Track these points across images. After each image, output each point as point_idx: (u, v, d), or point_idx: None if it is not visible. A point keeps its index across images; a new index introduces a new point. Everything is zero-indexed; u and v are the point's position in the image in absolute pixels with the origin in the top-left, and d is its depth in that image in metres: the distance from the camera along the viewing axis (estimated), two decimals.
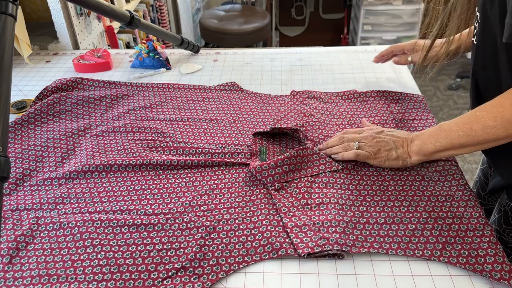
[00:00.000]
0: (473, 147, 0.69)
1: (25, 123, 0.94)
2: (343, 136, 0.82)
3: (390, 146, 0.78)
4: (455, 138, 0.69)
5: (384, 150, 0.78)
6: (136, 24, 1.06)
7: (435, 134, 0.72)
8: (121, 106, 1.01)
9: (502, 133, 0.63)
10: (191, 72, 1.18)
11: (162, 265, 0.64)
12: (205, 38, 2.71)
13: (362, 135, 0.81)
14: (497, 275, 0.60)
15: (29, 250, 0.67)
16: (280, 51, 1.28)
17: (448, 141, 0.70)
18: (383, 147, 0.78)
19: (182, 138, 0.89)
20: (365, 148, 0.79)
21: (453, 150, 0.71)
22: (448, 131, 0.70)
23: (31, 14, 1.54)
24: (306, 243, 0.65)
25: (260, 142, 0.87)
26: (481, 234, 0.65)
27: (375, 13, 2.86)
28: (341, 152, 0.80)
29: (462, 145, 0.69)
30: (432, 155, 0.74)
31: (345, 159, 0.80)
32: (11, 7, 0.64)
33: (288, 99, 1.02)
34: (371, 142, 0.79)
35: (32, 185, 0.80)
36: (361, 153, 0.78)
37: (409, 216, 0.69)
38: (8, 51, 0.61)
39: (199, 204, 0.74)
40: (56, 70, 1.22)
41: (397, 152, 0.77)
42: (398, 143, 0.78)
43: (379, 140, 0.79)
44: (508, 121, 0.62)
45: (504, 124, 0.62)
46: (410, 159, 0.77)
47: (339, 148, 0.81)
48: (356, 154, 0.78)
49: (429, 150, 0.73)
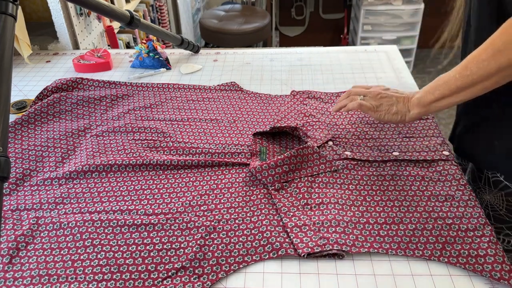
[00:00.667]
0: (468, 90, 0.69)
1: (25, 123, 0.94)
2: (350, 91, 0.87)
3: (392, 101, 0.80)
4: (452, 83, 0.70)
5: (386, 105, 0.80)
6: (136, 24, 1.06)
7: (434, 85, 0.74)
8: (121, 106, 1.01)
9: (494, 66, 0.64)
10: (191, 72, 1.18)
11: (162, 265, 0.64)
12: (205, 38, 2.71)
13: (368, 90, 0.84)
14: (497, 275, 0.60)
15: (29, 250, 0.67)
16: (280, 51, 1.28)
17: (445, 87, 0.71)
18: (386, 102, 0.81)
19: (182, 138, 0.90)
20: (369, 101, 0.82)
21: (451, 97, 0.72)
22: (446, 79, 0.71)
23: (31, 14, 1.54)
24: (306, 243, 0.65)
25: (260, 142, 0.87)
26: (481, 234, 0.65)
27: (375, 13, 2.86)
28: (347, 105, 0.84)
29: (458, 88, 0.69)
30: (430, 105, 0.75)
31: (350, 110, 0.84)
32: (11, 7, 0.64)
33: (288, 99, 1.02)
34: (375, 96, 0.82)
35: (32, 185, 0.80)
36: (364, 104, 0.82)
37: (409, 216, 0.69)
38: (8, 51, 0.61)
39: (199, 204, 0.74)
40: (56, 70, 1.22)
41: (397, 107, 0.79)
42: (400, 98, 0.80)
43: (383, 95, 0.82)
44: (498, 50, 0.63)
45: (495, 55, 0.63)
46: (409, 113, 0.78)
47: (346, 101, 0.85)
48: (359, 104, 0.82)
49: (428, 100, 0.75)
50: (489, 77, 0.65)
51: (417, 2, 2.81)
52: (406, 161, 0.81)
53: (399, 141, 0.86)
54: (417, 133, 0.87)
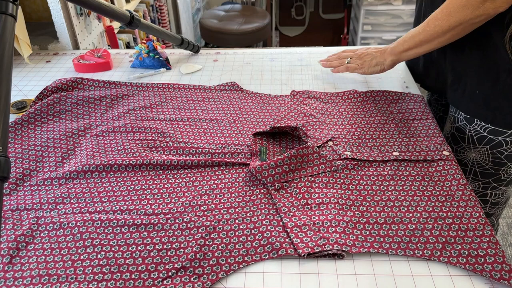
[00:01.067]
0: (429, 44, 0.85)
1: (25, 123, 0.94)
2: (341, 54, 1.07)
3: (372, 56, 0.98)
4: (416, 36, 0.86)
5: (368, 60, 0.99)
6: (136, 24, 1.06)
7: (404, 38, 0.90)
8: (121, 106, 1.01)
9: (446, 24, 0.79)
10: (191, 72, 1.18)
11: (162, 265, 0.64)
12: (205, 38, 2.71)
13: (355, 53, 1.03)
14: (497, 275, 0.60)
15: (29, 250, 0.67)
16: (280, 51, 1.28)
17: (412, 40, 0.88)
18: (368, 59, 0.99)
19: (182, 138, 0.90)
20: (354, 62, 1.02)
21: (416, 49, 0.88)
22: (413, 34, 0.87)
23: (31, 14, 1.54)
24: (306, 243, 0.65)
25: (260, 142, 0.87)
26: (481, 234, 0.66)
27: (375, 13, 2.86)
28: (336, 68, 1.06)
29: (421, 41, 0.86)
30: (401, 54, 0.92)
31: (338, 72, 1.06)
32: (11, 7, 0.64)
33: (288, 99, 1.02)
34: (359, 56, 1.01)
35: (32, 185, 0.80)
36: (350, 66, 1.02)
37: (409, 216, 0.70)
38: (8, 51, 0.61)
39: (199, 204, 0.74)
40: (56, 70, 1.22)
41: (376, 60, 0.97)
42: (378, 52, 0.97)
43: (366, 53, 1.00)
44: (449, 12, 0.78)
45: (447, 16, 0.78)
46: (386, 62, 0.96)
47: (336, 63, 1.06)
48: (346, 67, 1.03)
49: (398, 50, 0.92)
50: (443, 34, 0.81)
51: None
52: (406, 161, 0.81)
53: (399, 141, 0.86)
54: (417, 133, 0.88)
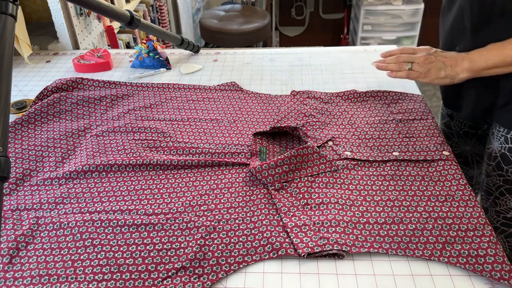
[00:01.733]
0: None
1: (25, 123, 0.94)
2: (399, 56, 0.92)
3: (439, 66, 0.86)
4: (506, 56, 0.77)
5: (434, 70, 0.86)
6: (136, 24, 1.06)
7: (486, 53, 0.80)
8: (121, 106, 1.01)
9: None
10: (191, 72, 1.18)
11: (162, 265, 0.64)
12: (205, 38, 2.71)
13: (416, 56, 0.89)
14: (497, 275, 0.60)
15: (29, 250, 0.67)
16: (280, 51, 1.28)
17: (499, 58, 0.78)
18: (434, 67, 0.86)
19: (182, 138, 0.90)
20: (417, 68, 0.88)
21: (503, 68, 0.79)
22: (501, 51, 0.78)
23: (31, 14, 1.54)
24: (306, 243, 0.65)
25: (260, 142, 0.87)
26: (481, 234, 0.65)
27: (375, 13, 2.86)
28: (394, 71, 0.91)
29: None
30: (482, 71, 0.82)
31: (397, 77, 0.91)
32: (11, 7, 0.64)
33: (288, 99, 1.02)
34: (423, 62, 0.88)
35: (32, 185, 0.80)
36: (412, 73, 0.89)
37: (409, 216, 0.69)
38: (8, 51, 0.61)
39: (199, 204, 0.74)
40: (56, 70, 1.22)
41: (445, 72, 0.85)
42: (447, 62, 0.85)
43: (431, 60, 0.87)
44: None
45: None
46: (458, 76, 0.85)
47: (394, 66, 0.92)
48: (407, 74, 0.90)
49: (480, 67, 0.81)
50: None
51: (417, 2, 2.81)
52: (406, 161, 0.81)
53: (399, 141, 0.86)
54: (417, 133, 0.88)
